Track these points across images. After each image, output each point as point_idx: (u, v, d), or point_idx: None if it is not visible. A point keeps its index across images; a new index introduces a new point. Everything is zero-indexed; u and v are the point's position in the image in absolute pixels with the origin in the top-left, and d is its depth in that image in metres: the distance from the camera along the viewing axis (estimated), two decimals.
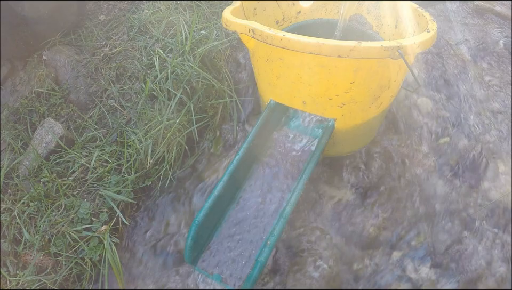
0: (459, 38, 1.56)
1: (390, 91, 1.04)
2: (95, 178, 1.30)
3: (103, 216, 1.23)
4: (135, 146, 1.31)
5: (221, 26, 1.55)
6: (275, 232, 0.93)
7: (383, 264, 1.11)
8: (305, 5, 1.29)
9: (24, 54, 1.67)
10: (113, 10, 1.81)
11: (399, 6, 1.13)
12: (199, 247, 1.01)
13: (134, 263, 1.20)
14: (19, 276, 1.15)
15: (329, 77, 0.94)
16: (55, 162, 1.35)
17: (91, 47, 1.64)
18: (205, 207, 0.99)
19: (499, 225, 1.15)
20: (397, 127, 1.33)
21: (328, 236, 1.16)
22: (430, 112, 1.36)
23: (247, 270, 0.98)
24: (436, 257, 1.11)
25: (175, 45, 1.46)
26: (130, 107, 1.45)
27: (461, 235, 1.14)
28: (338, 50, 0.84)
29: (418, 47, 0.87)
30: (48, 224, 1.21)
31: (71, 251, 1.18)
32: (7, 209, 1.27)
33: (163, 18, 1.61)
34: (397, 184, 1.23)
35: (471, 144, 1.28)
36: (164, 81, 1.38)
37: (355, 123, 1.09)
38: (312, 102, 1.04)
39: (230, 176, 1.05)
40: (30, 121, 1.53)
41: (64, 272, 1.16)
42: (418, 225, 1.16)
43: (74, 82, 1.56)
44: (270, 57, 1.01)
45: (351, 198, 1.22)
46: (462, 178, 1.23)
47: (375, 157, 1.27)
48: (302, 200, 1.21)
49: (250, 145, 1.10)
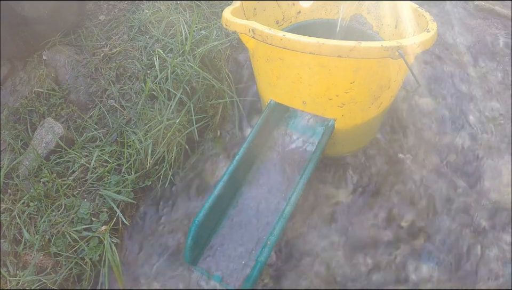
0: (459, 38, 1.56)
1: (390, 91, 1.04)
2: (95, 178, 1.30)
3: (103, 216, 1.23)
4: (135, 146, 1.31)
5: (221, 26, 1.55)
6: (275, 232, 0.93)
7: (383, 263, 1.11)
8: (305, 5, 1.29)
9: (24, 54, 1.67)
10: (113, 10, 1.81)
11: (399, 6, 1.13)
12: (199, 247, 1.01)
13: (134, 262, 1.20)
14: (19, 276, 1.15)
15: (329, 77, 0.94)
16: (55, 162, 1.35)
17: (91, 47, 1.64)
18: (205, 207, 0.99)
19: (499, 225, 1.15)
20: (397, 127, 1.33)
21: (328, 236, 1.16)
22: (430, 112, 1.36)
23: (247, 269, 0.98)
24: (436, 257, 1.11)
25: (175, 45, 1.46)
26: (130, 107, 1.45)
27: (461, 235, 1.14)
28: (338, 50, 0.84)
29: (418, 47, 0.87)
30: (48, 224, 1.21)
31: (71, 251, 1.18)
32: (7, 209, 1.27)
33: (163, 18, 1.61)
34: (397, 184, 1.23)
35: (471, 143, 1.28)
36: (164, 81, 1.38)
37: (355, 123, 1.09)
38: (312, 102, 1.04)
39: (230, 176, 1.05)
40: (30, 121, 1.53)
41: (64, 272, 1.16)
42: (418, 225, 1.16)
43: (74, 82, 1.56)
44: (270, 57, 1.01)
45: (351, 198, 1.22)
46: (462, 178, 1.23)
47: (375, 157, 1.27)
48: (302, 200, 1.21)
49: (250, 145, 1.10)
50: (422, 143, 1.30)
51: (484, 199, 1.18)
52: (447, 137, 1.30)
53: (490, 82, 1.43)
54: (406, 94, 1.37)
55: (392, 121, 1.34)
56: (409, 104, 1.37)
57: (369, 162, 1.26)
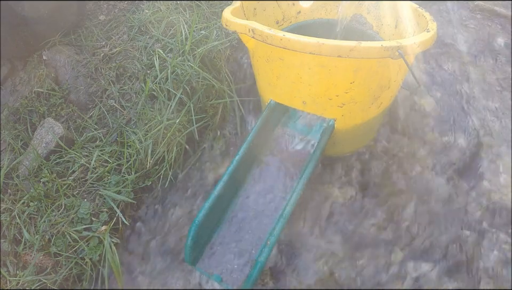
0: (459, 38, 1.56)
1: (390, 91, 1.04)
2: (95, 178, 1.30)
3: (103, 216, 1.23)
4: (135, 146, 1.31)
5: (221, 26, 1.55)
6: (275, 232, 0.93)
7: (383, 263, 1.11)
8: (305, 5, 1.29)
9: (24, 54, 1.67)
10: (113, 10, 1.81)
11: (399, 6, 1.13)
12: (199, 247, 1.01)
13: (134, 262, 1.20)
14: (19, 276, 1.15)
15: (329, 77, 0.94)
16: (55, 162, 1.35)
17: (91, 47, 1.64)
18: (205, 207, 0.99)
19: (499, 225, 1.15)
20: (397, 127, 1.33)
21: (327, 236, 1.16)
22: (430, 112, 1.36)
23: (247, 269, 0.98)
24: (436, 257, 1.11)
25: (175, 45, 1.46)
26: (130, 107, 1.45)
27: (461, 235, 1.14)
28: (338, 50, 0.84)
29: (418, 47, 0.87)
30: (48, 224, 1.21)
31: (71, 251, 1.18)
32: (7, 209, 1.27)
33: (163, 18, 1.61)
34: (397, 184, 1.23)
35: (471, 143, 1.28)
36: (164, 81, 1.38)
37: (355, 123, 1.09)
38: (312, 102, 1.04)
39: (230, 176, 1.05)
40: (30, 121, 1.53)
41: (64, 272, 1.16)
42: (418, 224, 1.16)
43: (74, 82, 1.56)
44: (270, 57, 1.01)
45: (351, 198, 1.22)
46: (462, 178, 1.23)
47: (375, 157, 1.27)
48: (302, 200, 1.21)
49: (250, 145, 1.10)
50: (422, 142, 1.30)
51: (484, 199, 1.18)
52: (447, 137, 1.30)
53: (490, 82, 1.43)
54: (406, 94, 1.37)
55: (392, 121, 1.34)
56: (409, 104, 1.37)
57: (369, 162, 1.26)
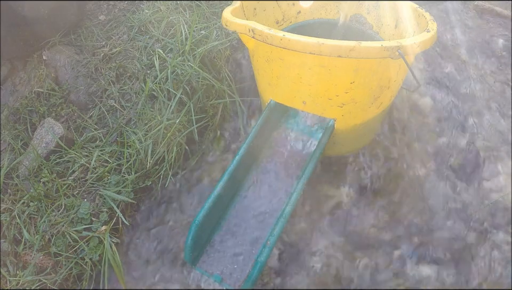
0: (459, 38, 1.56)
1: (390, 91, 1.04)
2: (95, 178, 1.30)
3: (103, 216, 1.23)
4: (135, 146, 1.31)
5: (221, 26, 1.55)
6: (275, 232, 0.93)
7: (383, 263, 1.11)
8: (305, 5, 1.29)
9: (24, 54, 1.67)
10: (113, 10, 1.81)
11: (399, 6, 1.13)
12: (199, 247, 1.01)
13: (134, 262, 1.20)
14: (19, 276, 1.15)
15: (329, 77, 0.94)
16: (55, 162, 1.35)
17: (91, 47, 1.64)
18: (205, 207, 0.99)
19: (499, 225, 1.15)
20: (397, 127, 1.33)
21: (328, 236, 1.16)
22: (430, 112, 1.36)
23: (247, 269, 0.98)
24: (436, 257, 1.11)
25: (175, 45, 1.46)
26: (130, 107, 1.45)
27: (461, 235, 1.14)
28: (338, 50, 0.84)
29: (418, 47, 0.87)
30: (48, 224, 1.21)
31: (71, 251, 1.18)
32: (7, 209, 1.27)
33: (163, 18, 1.61)
34: (397, 184, 1.23)
35: (471, 144, 1.28)
36: (164, 81, 1.38)
37: (355, 123, 1.09)
38: (312, 102, 1.04)
39: (230, 176, 1.05)
40: (30, 121, 1.53)
41: (64, 272, 1.16)
42: (418, 225, 1.16)
43: (74, 82, 1.56)
44: (270, 57, 1.01)
45: (351, 198, 1.22)
46: (462, 178, 1.23)
47: (375, 157, 1.27)
48: (302, 200, 1.21)
49: (250, 145, 1.10)
50: (422, 143, 1.30)
51: (484, 199, 1.19)
52: (447, 137, 1.30)
53: (490, 82, 1.43)
54: (406, 94, 1.37)
55: (392, 121, 1.34)
56: (409, 104, 1.37)
57: (369, 162, 1.26)
